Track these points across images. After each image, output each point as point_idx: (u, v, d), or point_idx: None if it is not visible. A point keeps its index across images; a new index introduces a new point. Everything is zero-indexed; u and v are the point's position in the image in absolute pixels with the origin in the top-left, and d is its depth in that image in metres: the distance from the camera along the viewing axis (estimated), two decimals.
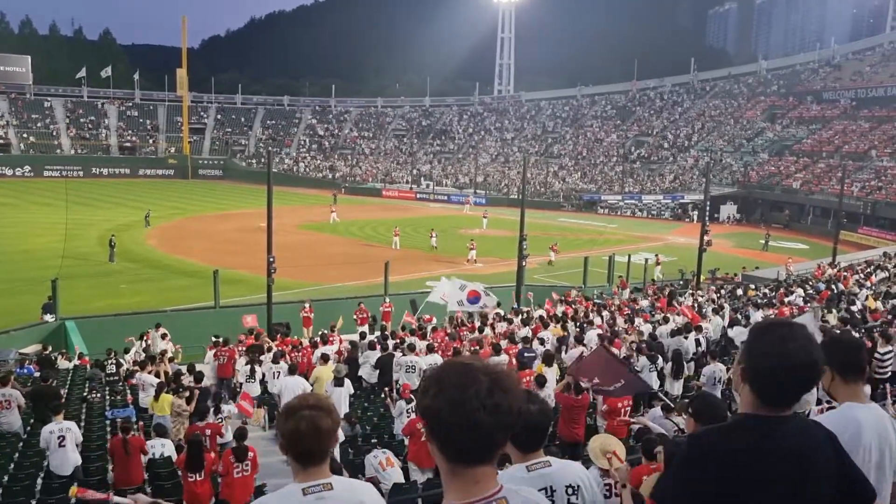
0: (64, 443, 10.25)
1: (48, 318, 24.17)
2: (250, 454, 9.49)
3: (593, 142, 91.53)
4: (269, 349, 17.57)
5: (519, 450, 3.11)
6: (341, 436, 10.40)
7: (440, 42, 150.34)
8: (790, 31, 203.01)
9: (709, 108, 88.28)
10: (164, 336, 20.51)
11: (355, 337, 18.64)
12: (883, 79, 75.11)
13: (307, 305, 24.59)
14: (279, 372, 14.61)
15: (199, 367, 15.27)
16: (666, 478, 2.43)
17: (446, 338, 18.39)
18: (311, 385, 14.27)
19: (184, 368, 15.65)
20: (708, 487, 2.22)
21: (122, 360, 19.27)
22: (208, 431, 10.56)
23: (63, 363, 19.45)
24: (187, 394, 12.63)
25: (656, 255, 37.64)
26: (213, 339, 18.50)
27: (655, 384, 13.24)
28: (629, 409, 10.97)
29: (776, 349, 2.25)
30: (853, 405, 3.12)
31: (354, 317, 24.46)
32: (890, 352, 13.53)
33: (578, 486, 3.08)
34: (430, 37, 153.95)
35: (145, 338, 20.98)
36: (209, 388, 14.06)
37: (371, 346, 15.95)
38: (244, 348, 18.04)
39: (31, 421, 13.35)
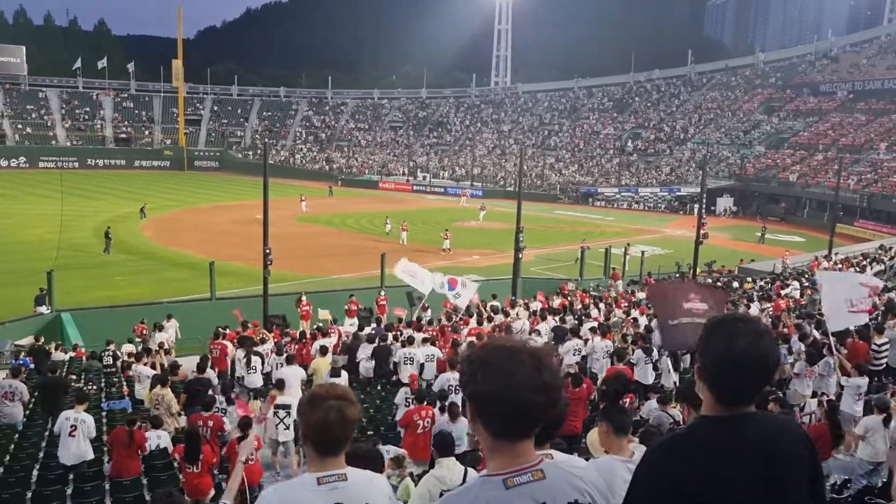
0: (74, 433, 10.19)
1: (41, 309, 24.10)
2: (255, 444, 9.51)
3: (590, 134, 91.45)
4: (263, 340, 17.56)
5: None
6: None
7: (437, 34, 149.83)
8: (787, 23, 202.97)
9: (706, 101, 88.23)
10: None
11: (350, 328, 18.65)
12: (880, 71, 75.09)
13: (304, 299, 24.55)
14: (281, 363, 14.68)
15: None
16: (633, 486, 2.35)
17: (447, 329, 18.40)
18: (310, 376, 14.35)
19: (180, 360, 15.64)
20: (673, 495, 2.17)
21: (118, 353, 19.26)
22: (210, 423, 10.51)
23: (59, 355, 19.41)
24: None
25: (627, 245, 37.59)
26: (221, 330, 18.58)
27: (651, 377, 13.27)
28: (626, 403, 10.97)
29: (723, 346, 2.20)
30: (615, 457, 3.82)
31: (346, 307, 24.45)
32: (885, 343, 13.59)
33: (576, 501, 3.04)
34: (427, 28, 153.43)
35: (159, 329, 21.11)
36: (209, 379, 14.05)
37: (369, 339, 15.97)
38: (236, 340, 18.05)
39: (27, 412, 13.35)
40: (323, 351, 14.64)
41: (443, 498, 2.16)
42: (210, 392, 12.05)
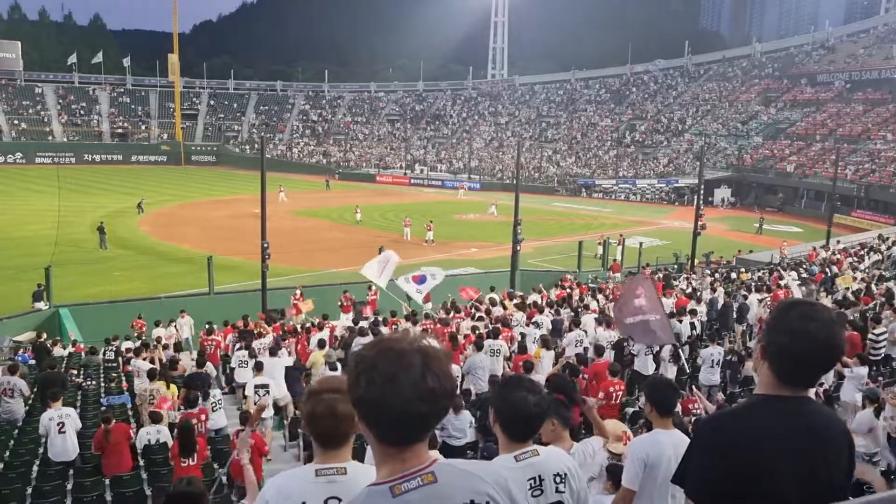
0: (64, 429, 10.25)
1: (39, 305, 24.09)
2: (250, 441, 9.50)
3: (587, 126, 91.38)
4: (261, 334, 17.56)
5: (509, 439, 3.07)
6: None
7: (434, 26, 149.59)
8: (784, 13, 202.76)
9: (703, 92, 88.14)
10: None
11: (344, 323, 18.65)
12: (877, 61, 75.01)
13: (298, 293, 24.55)
14: (265, 353, 14.70)
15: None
16: (688, 463, 2.41)
17: (438, 324, 18.38)
18: (309, 370, 14.39)
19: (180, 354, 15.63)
20: (728, 468, 2.21)
21: (117, 348, 19.27)
22: (203, 417, 10.56)
23: (58, 350, 19.41)
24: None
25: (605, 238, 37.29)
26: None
27: (651, 368, 13.29)
28: (621, 394, 11.00)
29: (797, 327, 2.21)
30: (660, 431, 4.52)
31: (340, 302, 24.41)
32: (883, 333, 13.63)
33: (566, 475, 3.05)
34: (424, 21, 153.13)
35: (172, 324, 21.16)
36: (207, 373, 14.05)
37: (362, 333, 15.96)
38: (236, 335, 18.06)
39: (26, 408, 13.34)
40: (321, 344, 14.67)
41: None
42: (207, 387, 12.09)
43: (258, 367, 12.50)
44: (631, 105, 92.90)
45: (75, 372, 16.41)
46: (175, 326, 21.29)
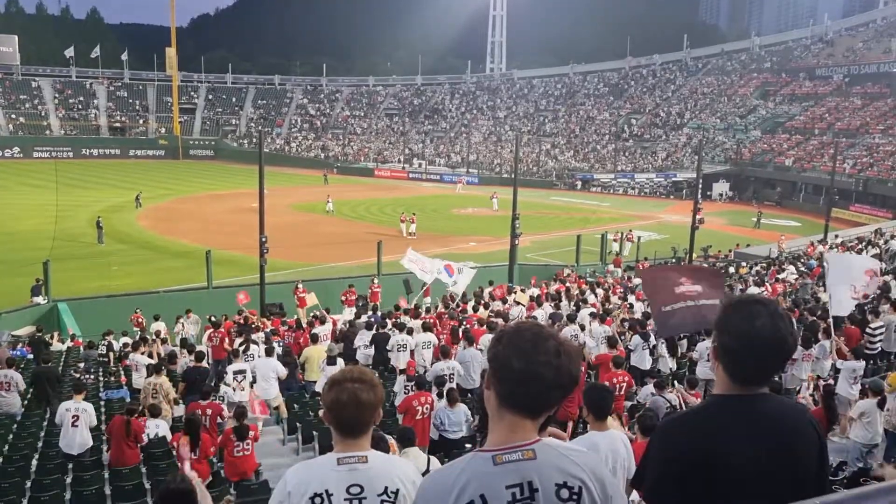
0: (77, 423, 10.29)
1: (37, 300, 24.08)
2: (251, 433, 9.53)
3: (585, 120, 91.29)
4: (257, 328, 17.56)
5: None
6: None
7: (432, 20, 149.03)
8: (783, 6, 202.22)
9: (701, 86, 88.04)
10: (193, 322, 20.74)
11: (346, 317, 18.67)
12: (876, 55, 74.96)
13: (300, 286, 24.57)
14: (260, 354, 14.69)
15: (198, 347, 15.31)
16: (643, 463, 2.42)
17: (444, 316, 18.41)
18: (302, 364, 14.38)
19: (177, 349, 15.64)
20: (683, 469, 2.21)
21: (114, 343, 19.26)
22: (209, 411, 10.55)
23: (56, 345, 19.42)
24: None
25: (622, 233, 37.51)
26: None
27: (648, 363, 13.32)
28: (625, 385, 11.03)
29: (743, 327, 2.21)
30: (596, 433, 4.92)
31: (342, 298, 24.48)
32: (881, 327, 13.65)
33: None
34: (422, 14, 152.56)
35: (179, 321, 21.16)
36: (207, 368, 14.09)
37: (368, 326, 15.99)
38: (236, 329, 18.05)
39: (25, 402, 13.36)
40: (314, 339, 14.62)
41: (432, 472, 2.19)
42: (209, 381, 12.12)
43: (235, 354, 13.27)
44: (629, 99, 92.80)
45: (81, 366, 16.41)
46: (182, 323, 21.26)
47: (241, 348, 15.19)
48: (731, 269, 27.76)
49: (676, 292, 10.00)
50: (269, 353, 13.51)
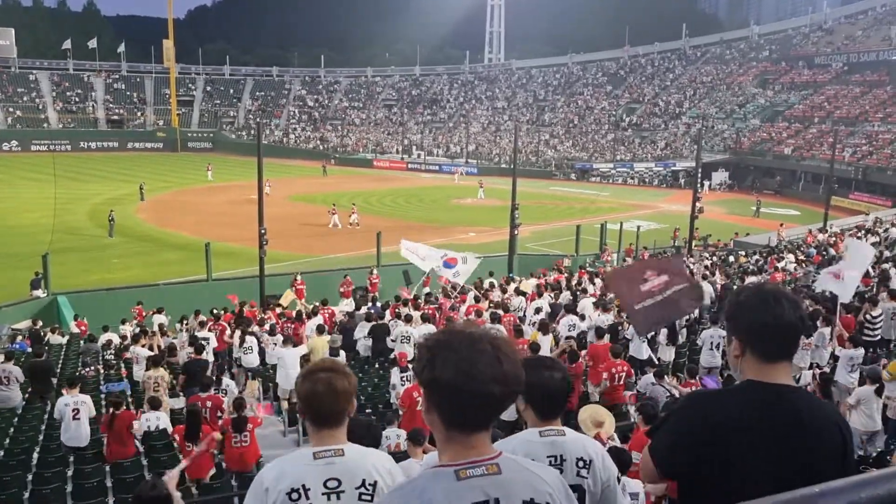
0: (79, 416, 10.34)
1: (37, 293, 24.08)
2: (249, 426, 9.54)
3: (584, 109, 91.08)
4: (261, 321, 17.56)
5: (538, 416, 3.09)
6: None
7: (430, 10, 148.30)
8: None
9: (700, 75, 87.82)
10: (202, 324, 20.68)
11: (345, 308, 18.68)
12: (875, 42, 74.74)
13: (298, 278, 24.56)
14: (276, 343, 14.82)
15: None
16: (662, 432, 2.47)
17: (446, 307, 18.41)
18: (308, 355, 14.40)
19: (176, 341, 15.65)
20: (697, 447, 2.24)
21: (115, 336, 19.25)
22: (209, 403, 10.56)
23: (56, 338, 19.40)
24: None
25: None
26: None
27: (646, 353, 13.33)
28: (624, 374, 11.05)
29: (770, 315, 2.26)
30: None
31: (340, 289, 24.48)
32: (879, 315, 13.65)
33: (591, 461, 2.97)
34: (420, 5, 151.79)
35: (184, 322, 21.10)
36: (207, 360, 14.07)
37: (368, 318, 16.01)
38: (232, 321, 18.07)
39: (25, 396, 13.38)
40: (320, 330, 14.71)
41: (389, 491, 2.13)
42: (209, 373, 12.14)
43: (242, 341, 14.32)
44: (628, 88, 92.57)
45: (88, 360, 16.41)
46: (186, 323, 21.16)
47: (239, 341, 15.26)
48: (731, 259, 27.80)
49: (643, 290, 10.02)
50: (286, 342, 14.05)
